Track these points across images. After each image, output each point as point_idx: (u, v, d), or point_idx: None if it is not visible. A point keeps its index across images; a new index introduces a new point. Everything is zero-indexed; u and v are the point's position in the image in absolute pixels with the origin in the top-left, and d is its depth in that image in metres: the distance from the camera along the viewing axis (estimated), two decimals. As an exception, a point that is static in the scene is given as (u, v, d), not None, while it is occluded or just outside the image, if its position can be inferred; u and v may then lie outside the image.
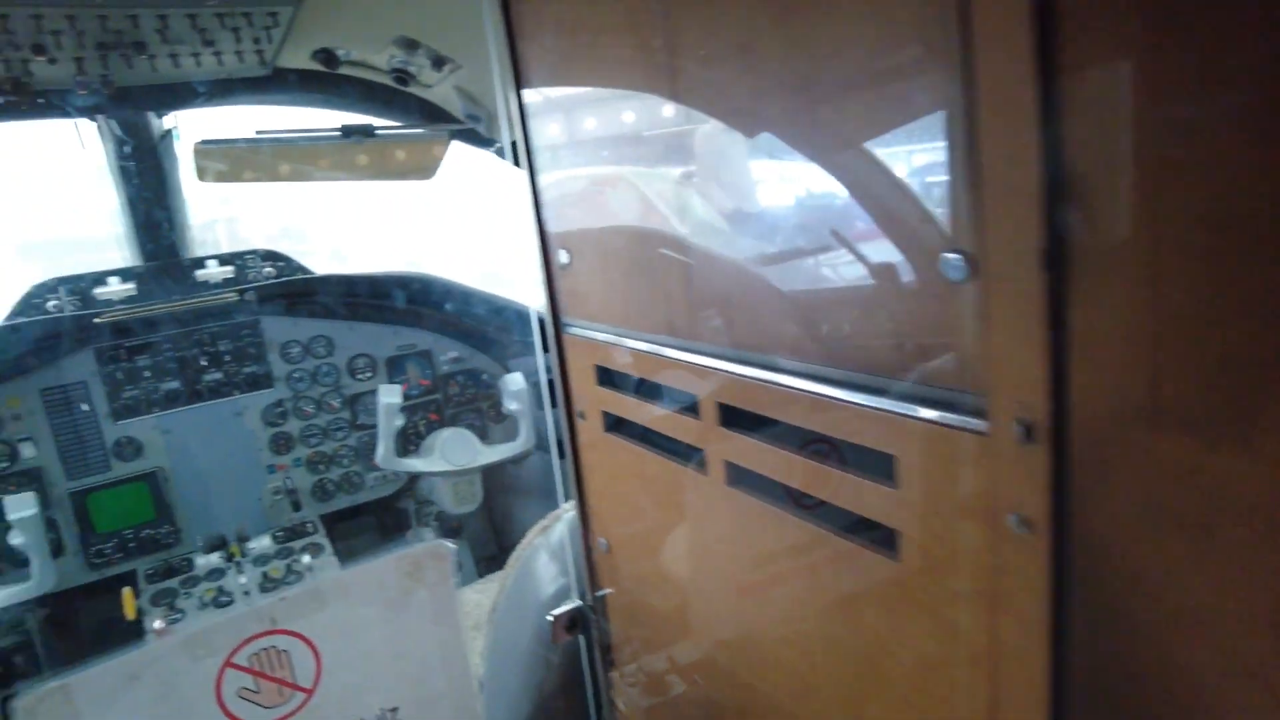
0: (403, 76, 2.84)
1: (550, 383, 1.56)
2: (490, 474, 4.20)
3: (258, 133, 2.81)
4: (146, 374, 3.78)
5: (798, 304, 1.00)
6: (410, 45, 2.66)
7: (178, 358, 3.84)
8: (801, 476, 1.03)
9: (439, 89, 2.97)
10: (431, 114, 3.10)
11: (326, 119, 3.13)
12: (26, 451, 3.56)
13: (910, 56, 0.76)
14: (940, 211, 0.77)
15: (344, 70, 2.82)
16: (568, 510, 1.78)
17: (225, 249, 3.74)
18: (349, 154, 3.09)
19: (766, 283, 1.05)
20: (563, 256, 1.40)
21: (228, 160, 2.97)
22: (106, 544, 3.73)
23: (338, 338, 4.18)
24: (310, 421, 4.14)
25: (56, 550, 3.62)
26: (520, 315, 4.26)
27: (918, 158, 0.81)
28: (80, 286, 3.36)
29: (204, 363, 3.89)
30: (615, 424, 1.45)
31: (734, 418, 1.14)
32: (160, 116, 2.96)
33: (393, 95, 3.02)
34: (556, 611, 1.63)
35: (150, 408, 3.79)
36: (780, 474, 1.07)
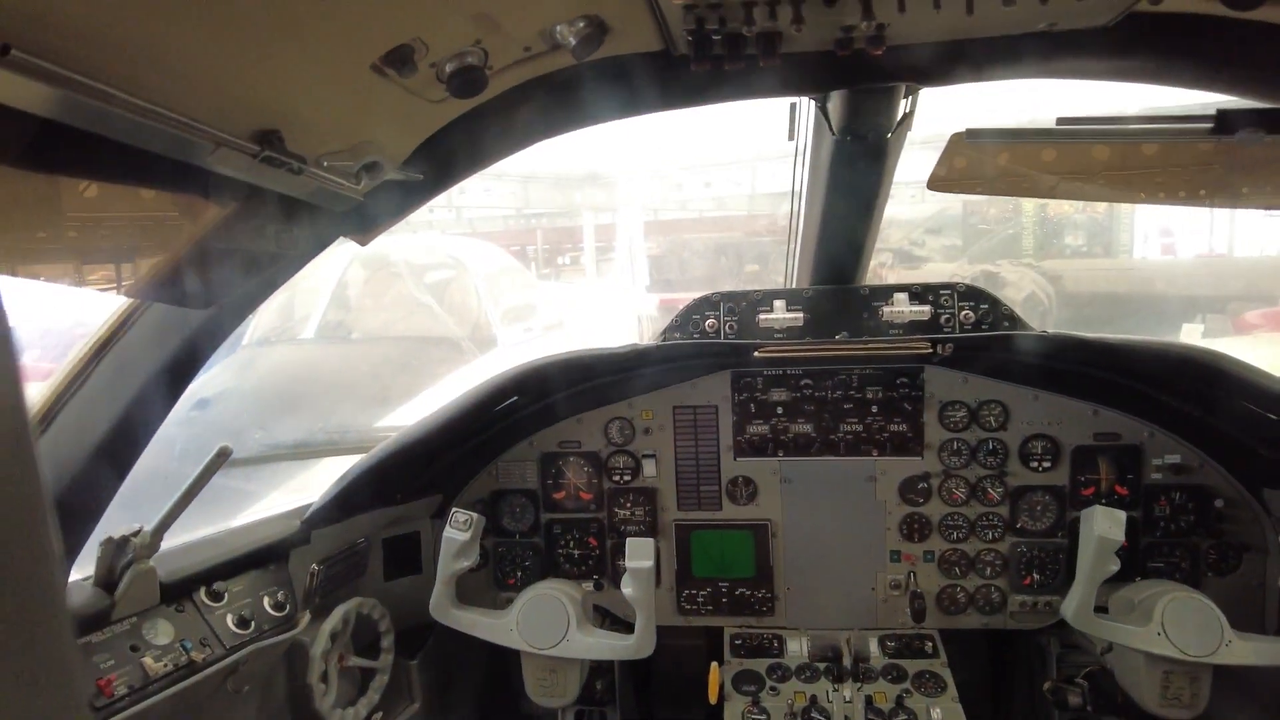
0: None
1: None
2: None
3: (1060, 121, 1.74)
4: (779, 410, 3.13)
5: None
6: None
7: (816, 398, 3.12)
8: None
9: None
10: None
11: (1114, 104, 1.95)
12: (648, 469, 3.20)
13: None
14: None
15: (1263, 13, 1.57)
16: None
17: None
18: (1183, 162, 1.85)
19: None
20: None
21: (987, 160, 1.99)
22: (700, 591, 3.24)
23: (1015, 408, 3.04)
24: (956, 509, 3.11)
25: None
26: None
27: None
28: (742, 307, 2.78)
29: (846, 408, 3.11)
30: None
31: None
32: (907, 95, 2.10)
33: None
34: None
35: (775, 450, 3.15)
36: None
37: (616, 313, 12.17)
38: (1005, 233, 16.05)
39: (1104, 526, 2.51)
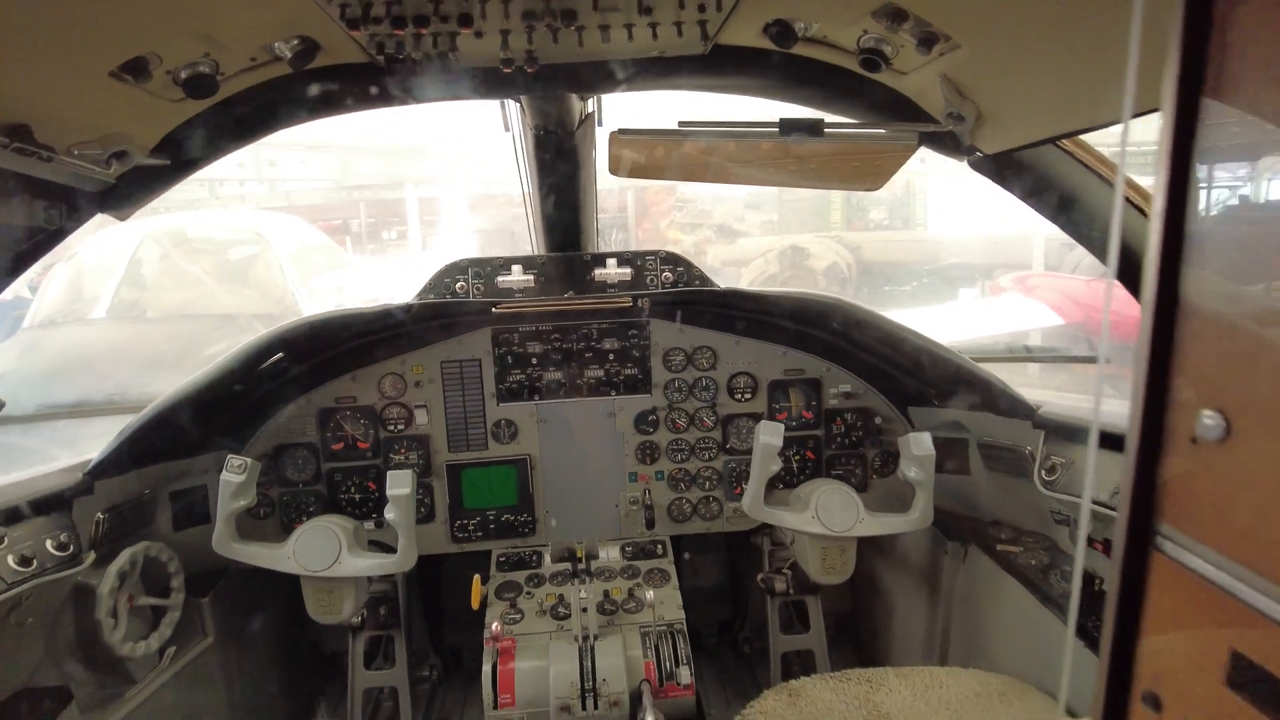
0: (873, 59, 2.15)
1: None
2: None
3: (680, 124, 2.33)
4: (534, 361, 3.67)
5: None
6: (896, 16, 1.96)
7: (564, 349, 3.68)
8: None
9: (916, 77, 2.23)
10: (892, 110, 2.38)
11: (761, 110, 2.58)
12: (420, 419, 3.64)
13: None
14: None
15: (798, 50, 2.21)
16: None
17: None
18: (785, 155, 2.50)
19: None
20: (1208, 420, 0.89)
21: (645, 153, 2.56)
22: (470, 520, 3.73)
23: (722, 351, 3.73)
24: (679, 435, 3.77)
25: (428, 516, 3.71)
26: (933, 361, 3.40)
27: None
28: (486, 271, 3.28)
29: (588, 356, 3.69)
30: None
31: None
32: (582, 99, 2.64)
33: (846, 85, 2.36)
34: None
35: (532, 395, 3.69)
36: None
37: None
38: (815, 208, 17.37)
39: (767, 436, 3.20)
